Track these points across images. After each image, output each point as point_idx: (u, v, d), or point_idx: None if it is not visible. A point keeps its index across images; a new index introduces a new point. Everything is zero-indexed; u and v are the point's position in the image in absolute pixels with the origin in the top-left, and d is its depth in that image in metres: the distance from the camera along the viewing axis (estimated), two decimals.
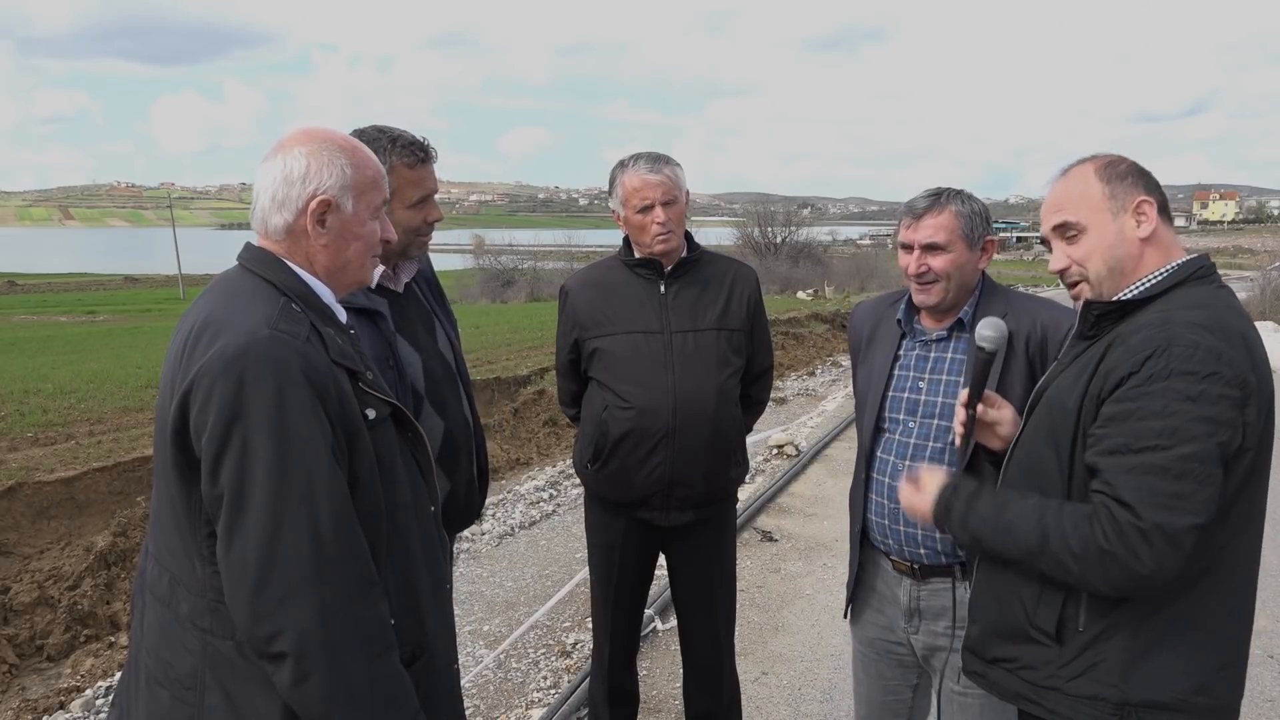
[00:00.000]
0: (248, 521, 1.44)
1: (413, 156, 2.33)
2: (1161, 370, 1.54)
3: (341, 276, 1.71)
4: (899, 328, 2.42)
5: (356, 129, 2.33)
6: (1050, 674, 1.69)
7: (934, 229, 2.27)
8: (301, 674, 1.44)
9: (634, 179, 2.78)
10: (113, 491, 6.05)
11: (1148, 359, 1.56)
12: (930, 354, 2.37)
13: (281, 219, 1.65)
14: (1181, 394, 1.52)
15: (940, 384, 2.32)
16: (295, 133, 1.69)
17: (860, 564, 2.50)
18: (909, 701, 2.54)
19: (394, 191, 2.30)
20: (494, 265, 40.32)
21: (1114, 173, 1.74)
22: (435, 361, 2.48)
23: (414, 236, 2.40)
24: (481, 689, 4.20)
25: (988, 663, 1.81)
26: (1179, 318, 1.59)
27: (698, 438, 2.82)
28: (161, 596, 1.61)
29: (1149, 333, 1.59)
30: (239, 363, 1.45)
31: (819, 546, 6.09)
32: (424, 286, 2.61)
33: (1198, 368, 1.52)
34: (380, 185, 1.73)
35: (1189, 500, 1.51)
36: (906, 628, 2.42)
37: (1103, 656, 1.64)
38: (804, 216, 55.10)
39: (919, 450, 2.32)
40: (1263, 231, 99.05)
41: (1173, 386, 1.53)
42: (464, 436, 2.53)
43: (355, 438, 1.56)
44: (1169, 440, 1.52)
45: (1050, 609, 1.68)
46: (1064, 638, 1.68)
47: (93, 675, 4.65)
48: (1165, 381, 1.53)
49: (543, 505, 7.13)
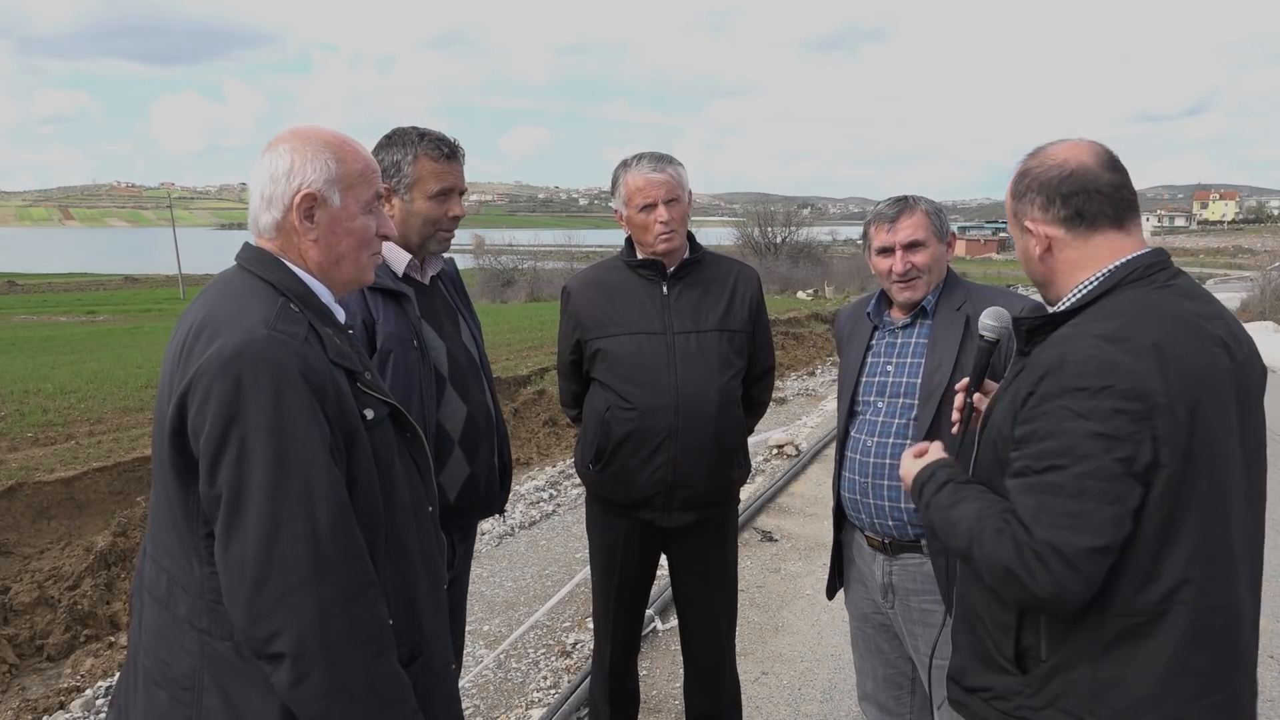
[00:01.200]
0: (245, 522, 1.44)
1: (437, 150, 2.44)
2: (1054, 389, 1.50)
3: (336, 273, 1.70)
4: (869, 321, 2.61)
5: (397, 129, 2.47)
6: (1019, 704, 1.62)
7: (912, 228, 2.45)
8: (299, 674, 1.44)
9: (637, 178, 2.79)
10: (113, 491, 6.05)
11: (1042, 378, 1.52)
12: (898, 340, 2.54)
13: (271, 216, 1.65)
14: (1073, 411, 1.47)
15: (905, 366, 2.49)
16: (284, 132, 1.70)
17: (840, 542, 2.67)
18: (910, 674, 2.60)
19: (416, 181, 2.42)
20: (494, 265, 40.31)
21: (1018, 187, 1.71)
22: (459, 351, 2.56)
23: (434, 229, 2.49)
24: (481, 689, 4.20)
25: (967, 691, 1.75)
26: (1085, 330, 1.54)
27: (700, 439, 2.82)
28: (159, 597, 1.61)
29: (1050, 350, 1.55)
30: (237, 363, 1.45)
31: (819, 546, 6.09)
32: (449, 286, 2.69)
33: (1089, 383, 1.46)
34: (370, 179, 1.72)
35: (1087, 520, 1.44)
36: (884, 603, 2.53)
37: (1068, 686, 1.57)
38: (804, 216, 55.09)
39: (885, 427, 2.47)
40: (1263, 231, 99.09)
41: (1065, 404, 1.48)
42: (485, 422, 2.59)
43: (353, 438, 1.56)
44: (1063, 460, 1.46)
45: (1007, 636, 1.63)
46: (1026, 666, 1.62)
47: (93, 675, 4.65)
48: (1058, 400, 1.49)
49: (543, 505, 7.13)
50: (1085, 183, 1.63)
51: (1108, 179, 1.64)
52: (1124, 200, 1.65)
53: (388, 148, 2.43)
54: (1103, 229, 1.64)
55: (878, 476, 2.45)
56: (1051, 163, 1.66)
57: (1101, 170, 1.64)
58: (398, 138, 2.45)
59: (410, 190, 2.42)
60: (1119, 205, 1.64)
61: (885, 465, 2.44)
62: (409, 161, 2.41)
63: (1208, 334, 1.55)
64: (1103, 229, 1.64)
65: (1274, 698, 3.99)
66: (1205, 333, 1.55)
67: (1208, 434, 1.49)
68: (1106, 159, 1.66)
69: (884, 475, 2.44)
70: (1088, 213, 1.64)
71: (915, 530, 2.42)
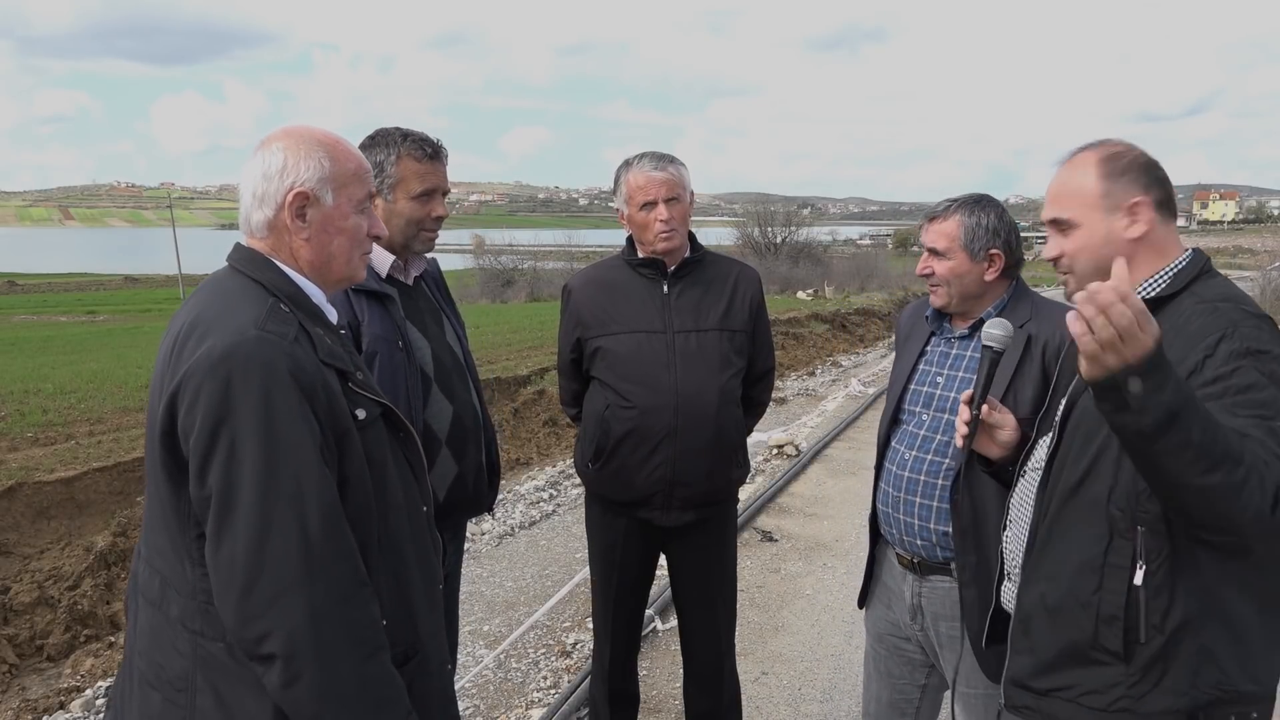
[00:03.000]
0: (236, 523, 1.44)
1: (420, 150, 2.43)
2: (1240, 349, 1.50)
3: (327, 272, 1.70)
4: (927, 325, 2.49)
5: (380, 129, 2.46)
6: (1120, 695, 1.60)
7: (937, 235, 2.35)
8: (291, 676, 1.43)
9: (639, 176, 2.79)
10: (113, 491, 6.04)
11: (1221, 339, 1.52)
12: (953, 350, 2.43)
13: (262, 215, 1.65)
14: (1269, 370, 1.49)
15: (956, 379, 2.38)
16: (276, 131, 1.70)
17: (873, 556, 2.57)
18: (916, 701, 2.55)
19: (399, 182, 2.42)
20: (494, 265, 40.28)
21: (1114, 168, 1.69)
22: (444, 351, 2.56)
23: (417, 229, 2.49)
24: (481, 689, 4.20)
25: (1040, 694, 1.70)
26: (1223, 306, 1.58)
27: (700, 438, 2.82)
28: (152, 599, 1.60)
29: (1203, 319, 1.57)
30: (226, 363, 1.45)
31: (819, 546, 6.09)
32: (432, 286, 2.69)
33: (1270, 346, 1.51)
34: (363, 179, 1.72)
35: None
36: (911, 624, 2.45)
37: (1169, 666, 1.57)
38: (804, 216, 55.02)
39: (926, 441, 2.37)
40: (1263, 231, 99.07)
41: (1258, 365, 1.49)
42: (472, 422, 2.59)
43: (344, 438, 1.55)
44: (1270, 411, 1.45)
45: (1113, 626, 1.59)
46: (1130, 654, 1.59)
47: (93, 675, 4.65)
48: (1246, 359, 1.49)
49: (543, 505, 7.13)
50: (1165, 174, 1.72)
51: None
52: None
53: (370, 148, 2.43)
54: (1172, 219, 1.72)
55: (910, 491, 2.37)
56: (1134, 150, 1.71)
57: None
58: (381, 138, 2.44)
59: (393, 190, 2.42)
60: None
61: (920, 481, 2.35)
62: (392, 162, 2.41)
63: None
64: (1172, 219, 1.72)
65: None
66: None
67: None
68: None
69: (917, 491, 2.36)
70: (1170, 200, 1.71)
71: (945, 553, 2.34)
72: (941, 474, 2.33)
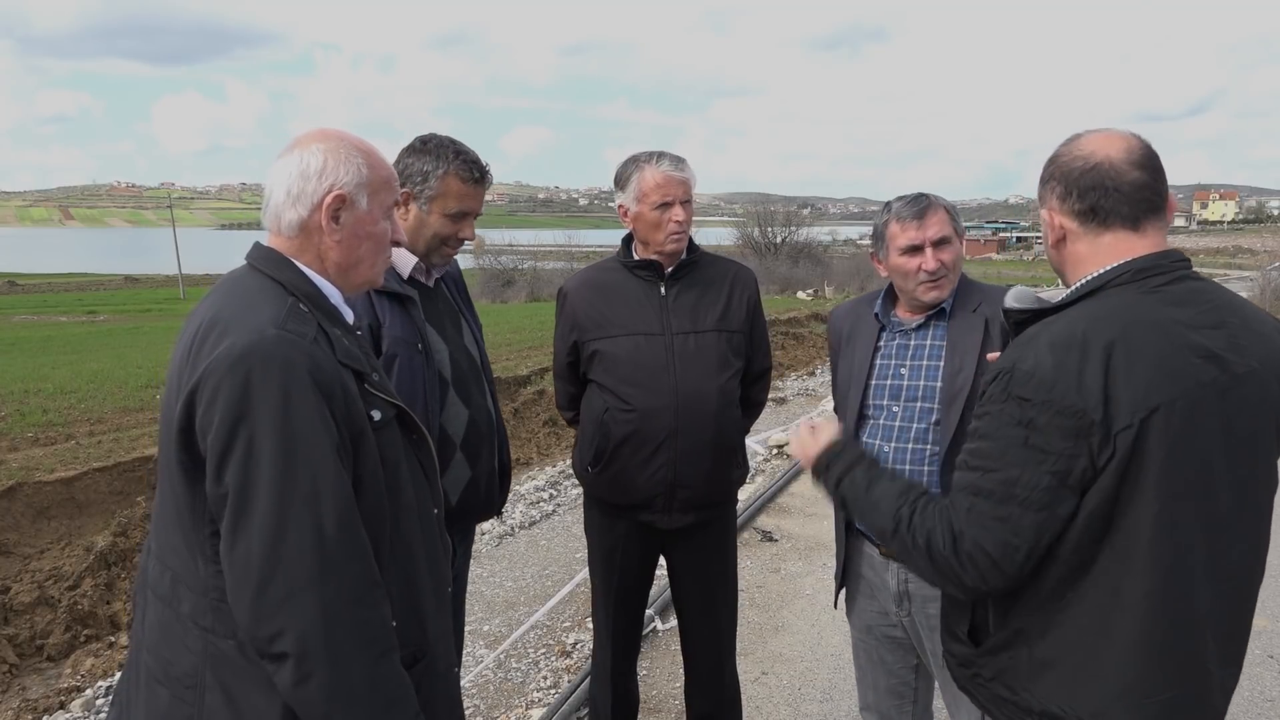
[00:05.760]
0: (252, 521, 1.44)
1: (468, 172, 2.45)
2: (999, 392, 1.53)
3: (352, 275, 1.72)
4: (877, 321, 2.51)
5: (427, 133, 2.48)
6: (974, 673, 1.72)
7: (939, 224, 2.37)
8: (303, 674, 1.44)
9: (657, 174, 2.78)
10: (113, 491, 6.05)
11: (994, 379, 1.56)
12: (910, 342, 2.45)
13: (296, 214, 1.65)
14: (1013, 419, 1.51)
15: (921, 369, 2.41)
16: (312, 131, 1.71)
17: (847, 554, 2.59)
18: (912, 683, 2.58)
19: (438, 196, 2.42)
20: (494, 265, 40.28)
21: (1044, 173, 1.68)
22: (461, 354, 2.57)
23: (440, 245, 2.50)
24: (481, 689, 4.20)
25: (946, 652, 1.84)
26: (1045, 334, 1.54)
27: (700, 439, 2.82)
28: (163, 595, 1.61)
29: (1013, 350, 1.57)
30: (245, 362, 1.45)
31: (819, 546, 6.09)
32: (452, 287, 2.70)
33: (1030, 394, 1.49)
34: (392, 186, 1.75)
35: (1010, 524, 1.51)
36: (898, 611, 2.48)
37: (1011, 663, 1.63)
38: (804, 216, 55.00)
39: (903, 432, 2.40)
40: (1263, 231, 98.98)
41: (1007, 410, 1.52)
42: (487, 426, 2.60)
43: (360, 439, 1.56)
44: (996, 463, 1.52)
45: (961, 614, 1.74)
46: (979, 639, 1.71)
47: (93, 675, 4.65)
48: (1002, 404, 1.53)
49: (543, 505, 7.13)
50: (1105, 179, 1.58)
51: (1132, 178, 1.58)
52: (1145, 201, 1.59)
53: (420, 153, 2.43)
54: (1115, 228, 1.60)
55: None
56: (1079, 153, 1.62)
57: (1128, 168, 1.59)
58: (433, 147, 2.44)
59: (430, 203, 2.43)
60: (1138, 206, 1.59)
61: (905, 471, 2.36)
62: (438, 175, 2.41)
63: (1187, 343, 1.50)
64: (1115, 228, 1.60)
65: (1274, 698, 3.98)
66: (1185, 341, 1.50)
67: (1166, 442, 1.46)
68: (1138, 156, 1.60)
69: None
70: (1102, 209, 1.59)
71: None
72: (926, 459, 2.36)
